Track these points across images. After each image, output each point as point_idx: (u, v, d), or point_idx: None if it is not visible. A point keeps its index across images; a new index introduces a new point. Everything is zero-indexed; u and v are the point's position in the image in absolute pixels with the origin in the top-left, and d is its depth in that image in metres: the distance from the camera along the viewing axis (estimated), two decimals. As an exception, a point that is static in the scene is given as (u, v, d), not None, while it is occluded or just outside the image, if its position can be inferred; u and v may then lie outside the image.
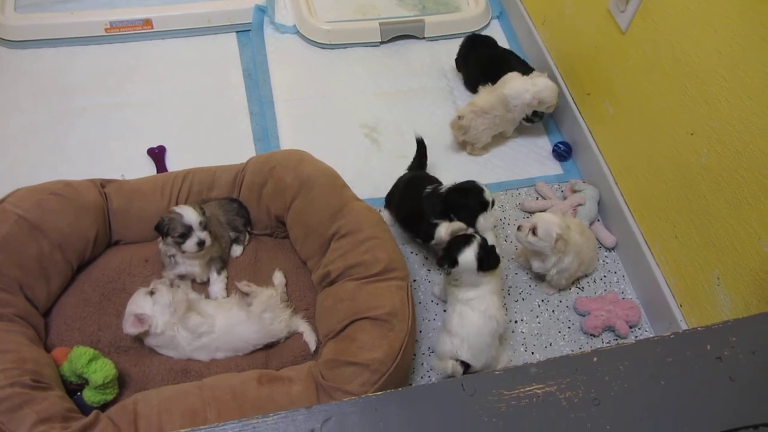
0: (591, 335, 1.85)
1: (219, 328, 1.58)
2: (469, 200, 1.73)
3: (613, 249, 2.04)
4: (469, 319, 1.60)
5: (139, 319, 1.53)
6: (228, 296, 1.70)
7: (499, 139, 2.28)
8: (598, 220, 2.10)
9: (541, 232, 1.75)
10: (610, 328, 1.86)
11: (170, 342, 1.57)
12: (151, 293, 1.57)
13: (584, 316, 1.88)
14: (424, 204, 1.78)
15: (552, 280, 1.88)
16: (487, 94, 2.15)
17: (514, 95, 2.12)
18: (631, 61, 1.86)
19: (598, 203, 2.08)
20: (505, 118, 2.17)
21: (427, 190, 1.80)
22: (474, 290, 1.62)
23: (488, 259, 1.60)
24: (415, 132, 2.03)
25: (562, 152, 2.24)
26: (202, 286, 1.74)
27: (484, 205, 1.72)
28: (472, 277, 1.61)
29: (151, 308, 1.54)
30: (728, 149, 1.52)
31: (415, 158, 2.05)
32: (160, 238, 1.67)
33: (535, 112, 2.18)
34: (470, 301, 1.62)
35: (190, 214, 1.62)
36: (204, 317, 1.58)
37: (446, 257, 1.61)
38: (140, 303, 1.55)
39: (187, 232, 1.61)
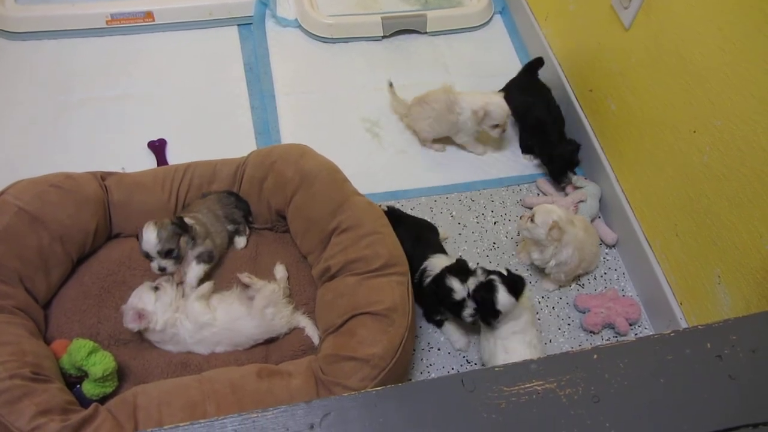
0: (591, 332, 1.85)
1: (220, 322, 1.58)
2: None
3: (613, 246, 2.03)
4: (517, 352, 1.61)
5: (140, 314, 1.52)
6: (230, 290, 1.70)
7: (485, 138, 2.26)
8: (599, 217, 2.09)
9: (539, 220, 1.77)
10: (610, 326, 1.86)
11: (171, 338, 1.57)
12: (156, 289, 1.57)
13: (584, 313, 1.88)
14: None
15: (552, 273, 1.88)
16: (441, 90, 2.14)
17: (465, 99, 2.10)
18: (634, 58, 1.86)
19: (600, 200, 2.08)
20: (446, 117, 2.12)
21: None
22: (514, 323, 1.64)
23: (516, 285, 1.61)
24: None
25: None
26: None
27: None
28: (513, 312, 1.62)
29: (153, 305, 1.54)
30: (731, 147, 1.51)
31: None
32: None
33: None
34: (515, 335, 1.63)
35: (149, 239, 1.56)
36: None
37: (486, 313, 1.61)
38: (143, 298, 1.55)
39: (146, 257, 1.59)
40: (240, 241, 1.80)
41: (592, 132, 2.14)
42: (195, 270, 1.67)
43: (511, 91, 2.21)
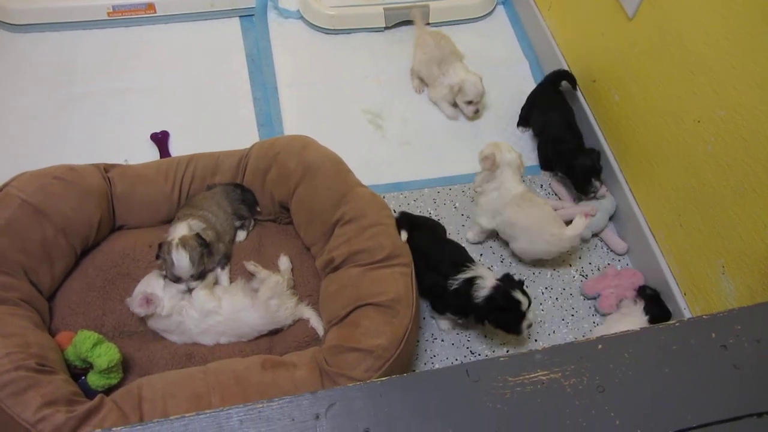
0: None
1: (225, 311, 1.59)
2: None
3: (624, 254, 2.01)
4: None
5: (147, 299, 1.53)
6: (231, 282, 1.70)
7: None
8: (608, 227, 2.06)
9: (487, 151, 1.87)
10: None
11: (176, 327, 1.57)
12: (165, 277, 1.58)
13: (595, 299, 1.89)
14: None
15: (503, 234, 1.93)
16: (432, 36, 2.31)
17: (451, 68, 2.24)
18: (638, 47, 1.85)
19: (611, 217, 2.05)
20: (428, 66, 2.28)
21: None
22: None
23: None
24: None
25: None
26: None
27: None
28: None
29: (162, 290, 1.55)
30: (735, 137, 1.51)
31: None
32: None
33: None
34: None
35: (183, 265, 1.56)
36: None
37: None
38: (152, 283, 1.56)
39: (176, 281, 1.59)
40: (240, 235, 1.81)
41: (595, 123, 2.13)
42: (223, 275, 1.70)
43: (531, 105, 2.24)
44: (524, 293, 1.61)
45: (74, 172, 1.68)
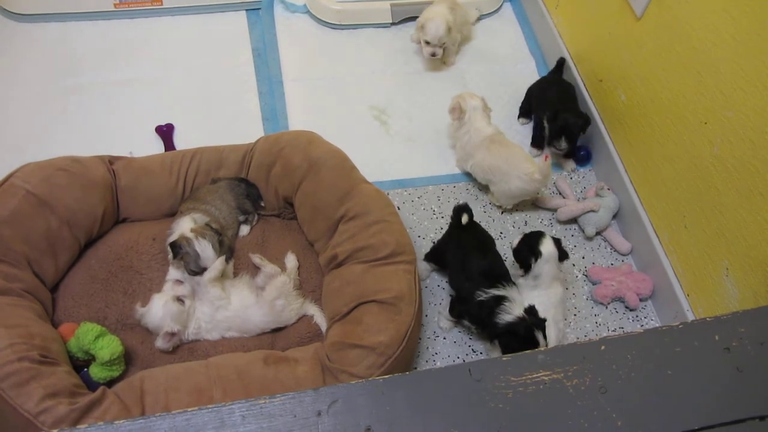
0: (600, 303, 1.87)
1: (233, 307, 1.59)
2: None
3: (628, 254, 2.00)
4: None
5: (172, 333, 1.53)
6: (235, 276, 1.70)
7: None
8: (611, 226, 2.05)
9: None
10: (620, 299, 1.88)
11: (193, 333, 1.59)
12: (180, 301, 1.56)
13: (595, 284, 1.90)
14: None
15: (482, 179, 2.02)
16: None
17: (426, 10, 2.31)
18: (646, 48, 1.84)
19: (615, 215, 2.04)
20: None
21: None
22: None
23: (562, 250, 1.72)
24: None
25: (581, 156, 2.19)
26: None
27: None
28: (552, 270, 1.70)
29: (183, 320, 1.55)
30: (742, 140, 1.50)
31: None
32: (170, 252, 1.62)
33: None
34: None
35: (209, 255, 1.57)
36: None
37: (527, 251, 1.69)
38: (173, 316, 1.53)
39: (200, 271, 1.59)
40: (244, 229, 1.81)
41: (601, 122, 2.13)
42: (227, 269, 1.68)
43: (530, 95, 2.28)
44: (544, 335, 1.56)
45: (79, 164, 1.68)
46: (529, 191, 1.96)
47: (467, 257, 1.70)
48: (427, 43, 2.26)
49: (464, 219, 1.73)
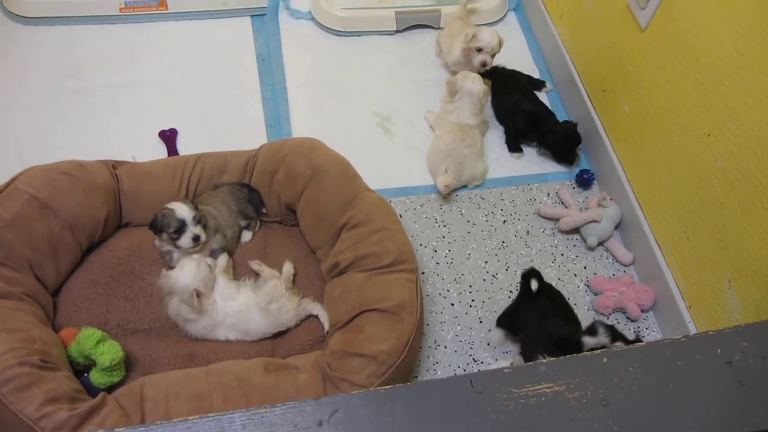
0: (601, 314, 1.86)
1: (240, 301, 1.60)
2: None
3: (630, 265, 2.00)
4: None
5: (198, 292, 1.52)
6: (237, 280, 1.70)
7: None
8: (614, 237, 2.05)
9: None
10: (622, 310, 1.87)
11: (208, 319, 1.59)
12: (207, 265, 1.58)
13: (596, 295, 1.89)
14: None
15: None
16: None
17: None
18: (650, 59, 1.84)
19: (617, 226, 2.04)
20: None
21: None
22: None
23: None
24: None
25: (585, 180, 2.17)
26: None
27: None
28: None
29: (208, 285, 1.56)
30: (745, 152, 1.50)
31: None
32: (156, 235, 1.65)
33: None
34: None
35: (182, 210, 1.61)
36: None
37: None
38: (201, 275, 1.54)
39: (181, 227, 1.60)
40: (246, 235, 1.81)
41: (604, 132, 2.13)
42: (219, 260, 1.69)
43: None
44: None
45: (82, 168, 1.68)
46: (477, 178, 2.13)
47: (542, 323, 1.62)
48: (479, 50, 2.23)
49: (534, 285, 1.63)
